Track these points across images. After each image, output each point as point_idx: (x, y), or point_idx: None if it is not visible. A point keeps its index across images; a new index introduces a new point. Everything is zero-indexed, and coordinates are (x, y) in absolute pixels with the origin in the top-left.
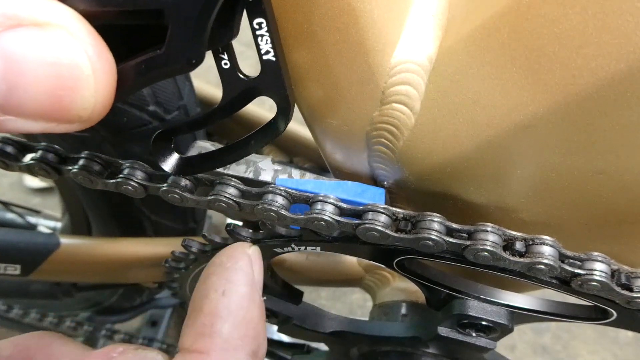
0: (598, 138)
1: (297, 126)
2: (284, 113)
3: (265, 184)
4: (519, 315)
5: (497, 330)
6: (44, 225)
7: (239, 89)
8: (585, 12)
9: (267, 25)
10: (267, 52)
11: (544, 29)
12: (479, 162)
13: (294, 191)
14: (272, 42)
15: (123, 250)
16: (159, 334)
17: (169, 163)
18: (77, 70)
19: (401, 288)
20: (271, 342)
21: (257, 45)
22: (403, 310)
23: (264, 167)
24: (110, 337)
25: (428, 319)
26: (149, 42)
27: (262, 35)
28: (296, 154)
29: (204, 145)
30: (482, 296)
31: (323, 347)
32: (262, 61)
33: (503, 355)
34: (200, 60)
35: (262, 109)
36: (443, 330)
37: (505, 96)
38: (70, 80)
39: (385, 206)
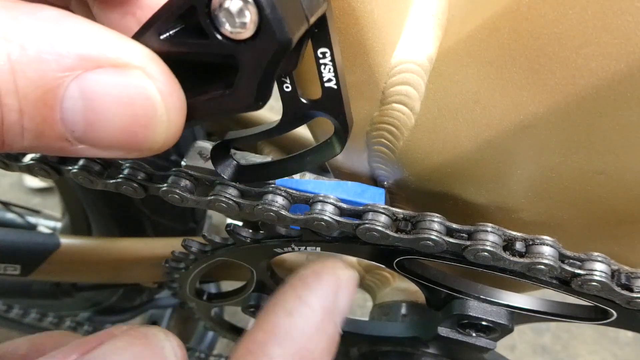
0: (598, 138)
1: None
2: (340, 135)
3: (265, 184)
4: (519, 315)
5: (497, 331)
6: (44, 225)
7: (299, 111)
8: (585, 12)
9: (331, 54)
10: (329, 80)
11: (544, 29)
12: (479, 162)
13: (294, 191)
14: (334, 71)
15: (123, 250)
16: None
17: (227, 171)
18: (151, 109)
19: (401, 288)
20: None
21: (320, 73)
22: (403, 311)
23: None
24: None
25: (428, 319)
26: (219, 78)
27: (325, 64)
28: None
29: (204, 145)
30: (482, 296)
31: None
32: (323, 87)
33: (503, 355)
34: (266, 101)
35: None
36: (443, 331)
37: (505, 96)
38: (144, 118)
39: (385, 206)
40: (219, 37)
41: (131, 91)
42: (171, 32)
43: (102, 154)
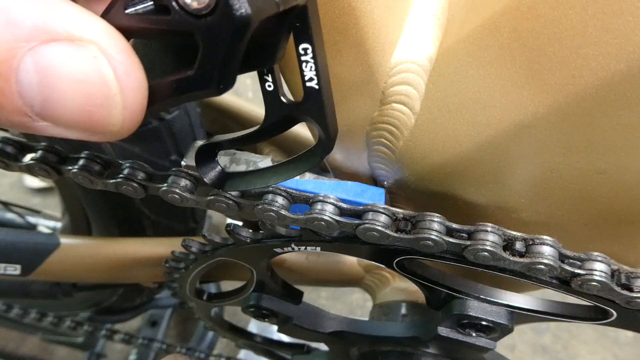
0: (598, 138)
1: (297, 126)
2: (323, 143)
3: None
4: (519, 315)
5: (497, 330)
6: (44, 225)
7: (281, 113)
8: (585, 12)
9: (313, 51)
10: (311, 79)
11: (544, 29)
12: (479, 162)
13: (294, 191)
14: (316, 70)
15: (123, 250)
16: (159, 334)
17: (210, 176)
18: (104, 88)
19: (401, 288)
20: (271, 342)
21: (301, 71)
22: (403, 310)
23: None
24: (110, 337)
25: (428, 319)
26: (185, 61)
27: (306, 62)
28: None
29: None
30: (482, 296)
31: (323, 347)
32: (305, 87)
33: (503, 355)
34: (229, 86)
35: (261, 108)
36: (443, 330)
37: (505, 96)
38: (98, 98)
39: (385, 206)
40: (177, 7)
41: (84, 67)
42: (137, 7)
43: (65, 133)
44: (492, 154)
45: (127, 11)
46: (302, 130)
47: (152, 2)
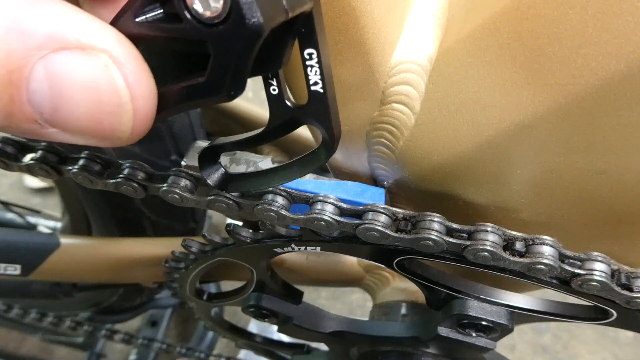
0: (598, 138)
1: None
2: (327, 145)
3: None
4: (519, 315)
5: (497, 330)
6: (44, 225)
7: (285, 116)
8: (585, 12)
9: (318, 56)
10: (316, 83)
11: (544, 29)
12: (479, 162)
13: (294, 191)
14: (321, 74)
15: (123, 250)
16: (159, 334)
17: (214, 178)
18: (115, 96)
19: (401, 288)
20: (271, 342)
21: (306, 75)
22: (403, 310)
23: (264, 167)
24: (110, 337)
25: (428, 319)
26: (195, 68)
27: (311, 66)
28: (296, 154)
29: (203, 145)
30: (482, 296)
31: (323, 347)
32: (309, 91)
33: (503, 355)
34: (239, 92)
35: (262, 109)
36: (443, 330)
37: (505, 96)
38: (109, 105)
39: (385, 206)
40: (189, 17)
41: (95, 75)
42: (147, 16)
43: (74, 140)
44: (492, 154)
45: (137, 19)
46: (302, 130)
47: (162, 11)
